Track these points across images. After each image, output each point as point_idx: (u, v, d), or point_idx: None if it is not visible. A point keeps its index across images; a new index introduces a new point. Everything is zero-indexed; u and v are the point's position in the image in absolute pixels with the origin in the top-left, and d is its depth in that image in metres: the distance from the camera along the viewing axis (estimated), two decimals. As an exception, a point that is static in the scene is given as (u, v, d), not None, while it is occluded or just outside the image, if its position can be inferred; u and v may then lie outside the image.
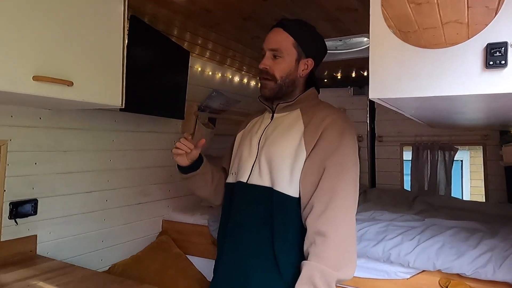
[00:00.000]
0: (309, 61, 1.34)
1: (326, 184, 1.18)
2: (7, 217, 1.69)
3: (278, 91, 1.33)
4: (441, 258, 1.84)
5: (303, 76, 1.36)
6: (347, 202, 1.19)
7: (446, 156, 3.45)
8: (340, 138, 1.24)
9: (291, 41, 1.31)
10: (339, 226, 1.15)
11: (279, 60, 1.31)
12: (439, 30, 0.96)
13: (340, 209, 1.16)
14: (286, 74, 1.31)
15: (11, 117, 1.69)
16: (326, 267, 1.11)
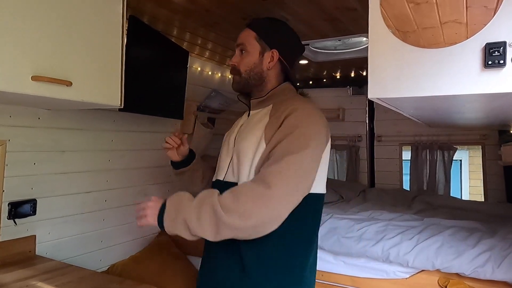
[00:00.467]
0: (274, 53, 1.34)
1: (276, 151, 1.15)
2: (6, 217, 1.69)
3: (244, 85, 1.37)
4: (440, 258, 1.85)
5: (271, 69, 1.35)
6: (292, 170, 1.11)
7: (445, 155, 3.45)
8: (298, 123, 1.17)
9: (253, 35, 1.35)
10: (273, 185, 1.07)
11: (244, 55, 1.35)
12: (438, 30, 0.97)
13: (280, 170, 1.09)
14: (250, 67, 1.34)
15: (10, 117, 1.69)
16: (219, 203, 1.08)
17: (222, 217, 1.05)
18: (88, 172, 2.08)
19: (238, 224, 1.04)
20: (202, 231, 1.09)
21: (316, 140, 1.18)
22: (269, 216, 1.05)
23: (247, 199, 1.05)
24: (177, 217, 1.14)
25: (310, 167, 1.15)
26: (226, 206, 1.06)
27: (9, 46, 1.15)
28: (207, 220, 1.08)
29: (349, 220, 2.27)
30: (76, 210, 2.02)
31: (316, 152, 1.17)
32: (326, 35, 2.22)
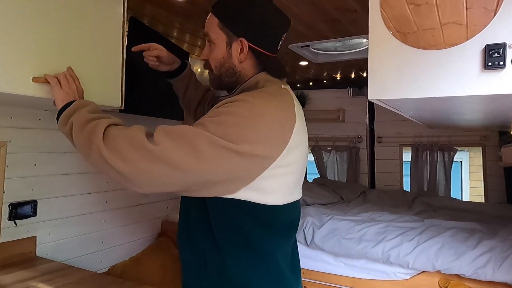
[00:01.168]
0: (243, 42, 1.05)
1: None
2: (7, 218, 1.69)
3: (218, 83, 1.13)
4: (441, 259, 1.85)
5: (245, 61, 1.08)
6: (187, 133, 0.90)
7: (446, 157, 3.45)
8: (232, 110, 0.94)
9: (216, 22, 1.07)
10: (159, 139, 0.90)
11: (212, 47, 1.10)
12: (438, 31, 0.97)
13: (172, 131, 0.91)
14: (219, 62, 1.09)
15: (11, 118, 1.69)
16: (106, 129, 0.95)
17: (98, 143, 0.92)
18: (88, 173, 2.08)
19: (109, 158, 0.90)
20: (77, 143, 1.00)
21: (256, 143, 0.91)
22: (137, 170, 0.89)
23: (129, 145, 0.90)
24: (68, 119, 1.03)
25: (233, 165, 0.90)
26: (109, 137, 0.93)
27: (10, 48, 1.15)
28: (86, 135, 0.96)
29: (349, 221, 2.27)
30: (77, 211, 2.02)
31: (249, 157, 0.90)
32: (326, 36, 2.22)
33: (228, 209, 0.96)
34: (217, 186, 0.93)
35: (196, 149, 0.88)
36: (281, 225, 1.05)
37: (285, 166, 0.98)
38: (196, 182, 0.91)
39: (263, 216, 0.99)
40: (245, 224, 0.98)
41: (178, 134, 0.90)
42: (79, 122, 1.00)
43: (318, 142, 3.99)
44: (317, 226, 2.26)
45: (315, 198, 2.96)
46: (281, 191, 1.01)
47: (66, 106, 1.07)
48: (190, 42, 2.42)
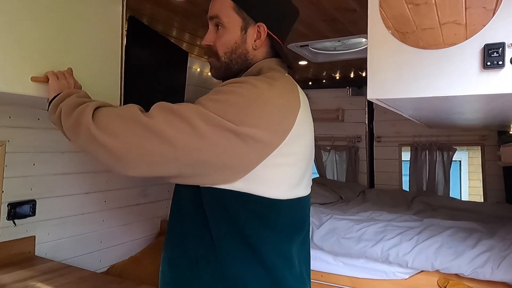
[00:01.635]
0: (261, 27, 0.99)
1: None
2: (6, 218, 1.69)
3: (225, 71, 1.03)
4: (440, 258, 1.85)
5: (259, 48, 1.01)
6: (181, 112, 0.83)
7: (445, 156, 3.45)
8: (236, 89, 0.87)
9: (230, 5, 1.00)
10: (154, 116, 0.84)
11: (221, 32, 1.01)
12: (437, 31, 0.97)
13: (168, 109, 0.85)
14: (231, 48, 1.00)
15: (9, 117, 1.69)
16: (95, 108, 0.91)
17: (88, 122, 0.88)
18: (88, 173, 2.08)
19: (98, 135, 0.85)
20: (65, 126, 0.96)
21: (258, 126, 0.83)
22: (130, 148, 0.83)
23: (121, 121, 0.86)
24: (58, 106, 1.01)
25: (233, 148, 0.83)
26: (99, 115, 0.89)
27: (9, 47, 1.15)
28: (74, 118, 0.92)
29: (349, 220, 2.27)
30: (76, 210, 2.02)
31: (250, 141, 0.83)
32: (325, 36, 2.22)
33: (225, 201, 0.88)
34: (212, 172, 0.85)
35: (191, 125, 0.81)
36: (282, 223, 0.96)
37: (287, 156, 0.90)
38: (189, 163, 0.83)
39: (262, 210, 0.91)
40: (242, 219, 0.90)
41: (174, 109, 0.84)
42: (68, 107, 0.97)
43: (317, 142, 3.99)
44: (316, 225, 2.26)
45: (314, 197, 2.96)
46: (282, 184, 0.92)
47: (56, 96, 1.06)
48: (189, 42, 2.41)
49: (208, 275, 0.91)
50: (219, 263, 0.91)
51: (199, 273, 0.92)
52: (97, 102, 0.94)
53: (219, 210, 0.90)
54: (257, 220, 0.91)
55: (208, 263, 0.92)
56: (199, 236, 0.92)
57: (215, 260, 0.91)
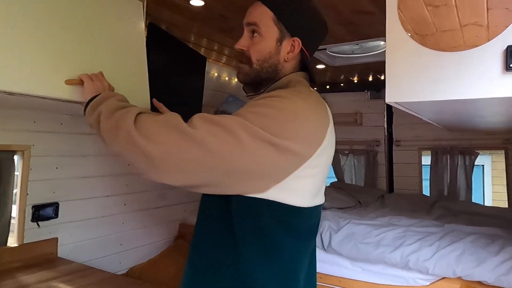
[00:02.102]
0: (296, 42, 1.03)
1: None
2: (30, 220, 1.74)
3: (254, 78, 1.06)
4: (461, 265, 1.81)
5: (289, 61, 1.05)
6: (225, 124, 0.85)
7: (466, 160, 3.37)
8: (275, 104, 0.90)
9: (270, 15, 1.03)
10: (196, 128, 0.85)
11: (257, 39, 1.04)
12: (458, 33, 0.95)
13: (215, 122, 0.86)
14: (264, 57, 1.04)
15: (34, 122, 1.74)
16: (138, 114, 0.91)
17: (129, 125, 0.88)
18: (108, 176, 2.12)
19: (137, 139, 0.85)
20: (103, 130, 0.96)
21: (295, 140, 0.87)
22: (166, 156, 0.83)
23: (163, 127, 0.86)
24: (96, 109, 1.01)
25: (270, 160, 0.86)
26: (141, 120, 0.89)
27: (42, 52, 1.17)
28: (114, 121, 0.93)
29: (367, 225, 2.24)
30: (96, 213, 2.06)
31: (286, 153, 0.87)
32: (343, 39, 2.21)
33: (254, 209, 0.92)
34: (248, 181, 0.88)
35: (235, 136, 0.83)
36: (302, 229, 1.01)
37: (314, 167, 0.95)
38: (227, 172, 0.85)
39: (286, 218, 0.95)
40: (267, 226, 0.93)
41: (217, 120, 0.86)
42: (108, 110, 0.97)
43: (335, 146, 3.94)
44: (334, 230, 2.24)
45: (332, 202, 2.93)
46: (307, 193, 0.98)
47: (93, 98, 1.06)
48: (207, 47, 2.44)
49: (230, 279, 0.94)
50: (240, 268, 0.94)
51: (222, 277, 0.95)
52: (138, 108, 0.96)
53: (247, 217, 0.93)
54: (281, 227, 0.95)
55: (229, 267, 0.95)
56: (224, 241, 0.96)
57: (238, 264, 0.94)
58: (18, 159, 1.70)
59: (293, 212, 0.95)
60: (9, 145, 1.64)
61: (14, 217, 1.71)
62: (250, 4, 1.07)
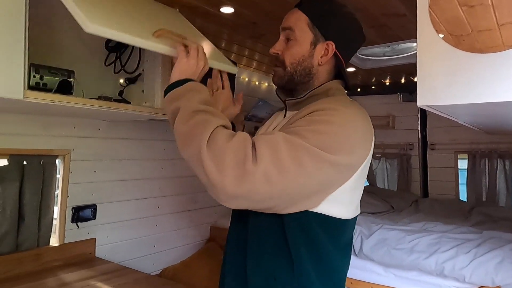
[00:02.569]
0: (330, 45, 1.03)
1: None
2: (70, 221, 1.82)
3: (288, 81, 1.07)
4: (501, 274, 1.73)
5: (323, 65, 1.05)
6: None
7: (507, 165, 3.23)
8: (329, 119, 0.90)
9: (305, 20, 1.04)
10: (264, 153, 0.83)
11: (291, 43, 1.06)
12: (496, 32, 0.92)
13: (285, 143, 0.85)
14: (297, 60, 1.05)
15: (74, 128, 1.83)
16: (214, 131, 0.87)
17: (202, 142, 0.85)
18: (143, 179, 2.19)
19: (206, 162, 0.83)
20: (178, 130, 0.93)
21: (350, 152, 0.89)
22: (234, 190, 0.82)
23: (231, 159, 0.82)
24: (177, 100, 0.97)
25: (326, 177, 0.87)
26: (215, 141, 0.85)
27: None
28: (190, 128, 0.89)
29: (400, 231, 2.19)
30: (131, 215, 2.13)
31: (341, 168, 0.88)
32: (374, 42, 2.19)
33: (306, 223, 0.92)
34: (306, 199, 0.88)
35: (298, 163, 0.83)
36: (346, 241, 1.02)
37: (360, 177, 0.95)
38: (289, 197, 0.86)
39: (333, 230, 0.96)
40: (318, 239, 0.94)
41: (280, 148, 0.84)
42: (187, 110, 0.92)
43: (367, 150, 3.89)
44: (366, 235, 2.21)
45: (364, 206, 2.87)
46: (351, 204, 0.99)
47: (179, 84, 1.00)
48: (238, 53, 2.48)
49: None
50: (296, 281, 0.94)
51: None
52: (217, 121, 0.90)
53: (300, 232, 0.94)
54: (328, 240, 0.96)
55: (286, 281, 0.95)
56: (278, 256, 0.96)
57: (292, 277, 0.94)
58: (59, 163, 1.80)
59: (339, 224, 0.96)
60: (51, 149, 1.73)
61: (56, 218, 1.81)
62: (279, 10, 1.09)
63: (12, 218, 1.58)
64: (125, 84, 1.63)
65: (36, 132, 1.69)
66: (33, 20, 1.16)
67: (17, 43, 1.08)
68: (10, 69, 1.06)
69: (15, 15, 1.07)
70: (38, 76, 1.24)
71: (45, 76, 1.25)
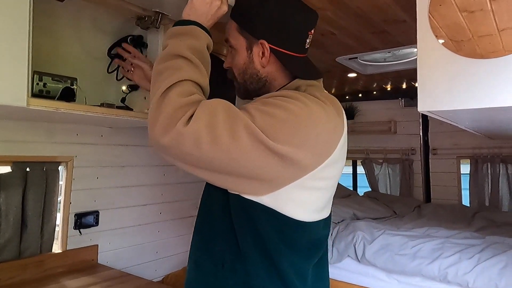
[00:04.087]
0: (264, 44, 0.97)
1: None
2: (72, 227, 1.82)
3: (244, 92, 1.06)
4: (505, 279, 1.72)
5: (268, 66, 1.00)
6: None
7: (509, 169, 3.22)
8: (283, 104, 0.85)
9: (234, 26, 1.01)
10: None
11: (233, 54, 1.03)
12: (496, 38, 0.93)
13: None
14: (242, 69, 1.02)
15: (77, 135, 1.84)
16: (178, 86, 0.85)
17: (161, 87, 0.84)
18: (145, 185, 2.19)
19: (153, 105, 0.84)
20: (154, 66, 0.91)
21: (297, 147, 0.82)
22: (161, 142, 0.81)
23: (169, 113, 0.81)
24: (171, 38, 0.93)
25: (267, 165, 0.82)
26: (171, 91, 0.84)
27: None
28: (163, 67, 0.88)
29: (403, 236, 2.18)
30: (134, 221, 2.13)
31: (285, 160, 0.82)
32: (375, 48, 2.20)
33: (251, 212, 0.88)
34: (241, 180, 0.85)
35: (232, 135, 0.79)
36: (303, 244, 0.95)
37: (319, 180, 0.90)
38: (221, 168, 0.83)
39: (284, 228, 0.90)
40: (266, 233, 0.90)
41: (220, 114, 0.82)
42: (171, 51, 0.90)
43: (369, 155, 3.89)
44: (368, 241, 2.20)
45: (366, 212, 2.88)
46: (309, 207, 0.93)
47: (184, 24, 0.96)
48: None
49: (232, 282, 0.91)
50: (244, 272, 0.91)
51: (223, 279, 0.92)
52: (188, 74, 0.88)
53: (245, 219, 0.90)
54: (279, 237, 0.91)
55: (234, 270, 0.92)
56: (227, 241, 0.92)
57: (241, 268, 0.91)
58: (62, 169, 1.80)
59: (292, 224, 0.90)
60: (54, 156, 1.74)
61: (58, 225, 1.81)
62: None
63: (15, 225, 1.59)
64: (128, 91, 1.64)
65: (39, 139, 1.69)
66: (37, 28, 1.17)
67: (21, 51, 1.09)
68: (14, 77, 1.08)
69: (19, 24, 1.08)
70: (41, 83, 1.25)
71: (48, 84, 1.26)
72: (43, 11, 1.40)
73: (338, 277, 2.28)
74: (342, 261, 2.27)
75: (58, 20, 1.53)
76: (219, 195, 0.92)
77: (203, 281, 0.97)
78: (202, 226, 0.99)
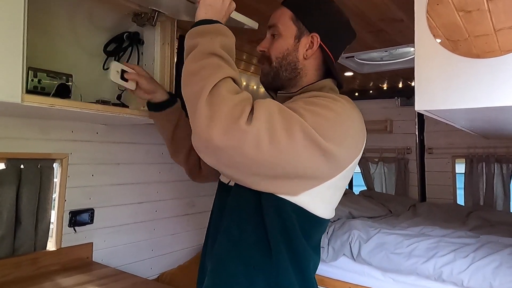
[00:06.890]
0: (314, 37, 1.01)
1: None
2: (67, 225, 1.81)
3: (274, 77, 1.06)
4: (499, 278, 1.74)
5: (309, 59, 1.04)
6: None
7: (504, 169, 3.24)
8: (328, 104, 0.88)
9: (288, 14, 1.04)
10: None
11: (276, 39, 1.05)
12: (492, 37, 0.93)
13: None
14: (282, 54, 1.03)
15: (72, 132, 1.82)
16: (222, 80, 0.84)
17: (206, 86, 0.82)
18: (140, 183, 2.18)
19: (202, 106, 0.80)
20: (186, 67, 0.91)
21: (340, 145, 0.85)
22: (219, 142, 0.78)
23: (227, 111, 0.79)
24: (199, 37, 0.93)
25: (314, 164, 0.83)
26: (220, 89, 0.82)
27: None
28: (199, 67, 0.87)
29: (398, 235, 2.19)
30: (129, 219, 2.12)
31: (330, 159, 0.84)
32: (372, 46, 2.20)
33: (282, 210, 0.89)
34: (286, 180, 0.85)
35: (290, 136, 0.79)
36: (316, 240, 1.00)
37: (344, 179, 0.93)
38: (272, 170, 0.82)
39: (307, 226, 0.93)
40: (293, 231, 0.91)
41: (275, 114, 0.81)
42: (204, 49, 0.89)
43: (365, 154, 3.90)
44: (364, 239, 2.21)
45: (362, 211, 2.89)
46: (332, 205, 0.97)
47: (208, 22, 0.96)
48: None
49: (263, 283, 0.91)
50: (275, 272, 0.91)
51: (255, 280, 0.92)
52: (228, 71, 0.87)
53: (276, 218, 0.90)
54: (303, 234, 0.93)
55: (265, 270, 0.92)
56: (258, 241, 0.92)
57: (270, 267, 0.91)
58: (57, 166, 1.79)
59: (313, 221, 0.93)
60: (49, 153, 1.72)
61: (53, 222, 1.79)
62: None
63: (9, 222, 1.57)
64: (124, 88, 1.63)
65: (33, 136, 1.68)
66: (32, 24, 1.16)
67: (15, 47, 1.07)
68: (8, 73, 1.06)
69: (13, 20, 1.07)
70: (36, 80, 1.23)
71: (43, 80, 1.25)
72: (38, 7, 1.39)
73: (333, 275, 2.29)
74: (337, 260, 2.28)
75: (54, 16, 1.52)
76: (250, 196, 0.92)
77: (231, 282, 0.95)
78: (230, 227, 0.97)
